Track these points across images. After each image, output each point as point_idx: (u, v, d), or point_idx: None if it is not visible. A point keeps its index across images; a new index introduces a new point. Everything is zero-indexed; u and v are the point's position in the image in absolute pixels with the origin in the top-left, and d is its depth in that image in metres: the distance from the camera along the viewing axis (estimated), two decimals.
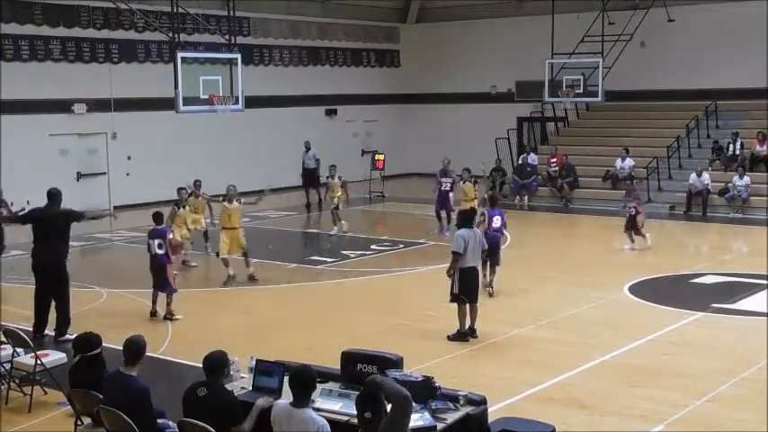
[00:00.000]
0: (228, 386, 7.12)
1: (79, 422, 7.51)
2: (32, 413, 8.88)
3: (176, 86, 17.04)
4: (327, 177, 20.81)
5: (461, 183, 18.83)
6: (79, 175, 23.50)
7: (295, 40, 28.50)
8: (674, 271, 15.63)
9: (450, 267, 11.25)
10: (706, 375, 9.91)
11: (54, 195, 11.75)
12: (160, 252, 12.55)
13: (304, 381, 6.21)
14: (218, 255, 15.48)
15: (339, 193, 20.06)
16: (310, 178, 25.21)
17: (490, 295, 13.43)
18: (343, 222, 19.96)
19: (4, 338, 9.52)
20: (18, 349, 9.28)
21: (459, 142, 29.18)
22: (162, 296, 12.67)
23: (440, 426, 6.38)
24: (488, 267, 13.75)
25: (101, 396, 6.94)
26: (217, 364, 6.66)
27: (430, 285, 14.25)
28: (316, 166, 25.48)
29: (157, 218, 13.01)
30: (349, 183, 29.28)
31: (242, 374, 7.60)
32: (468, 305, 11.30)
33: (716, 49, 25.74)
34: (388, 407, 5.98)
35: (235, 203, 15.31)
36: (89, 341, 7.52)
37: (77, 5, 22.81)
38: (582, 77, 25.16)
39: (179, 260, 15.57)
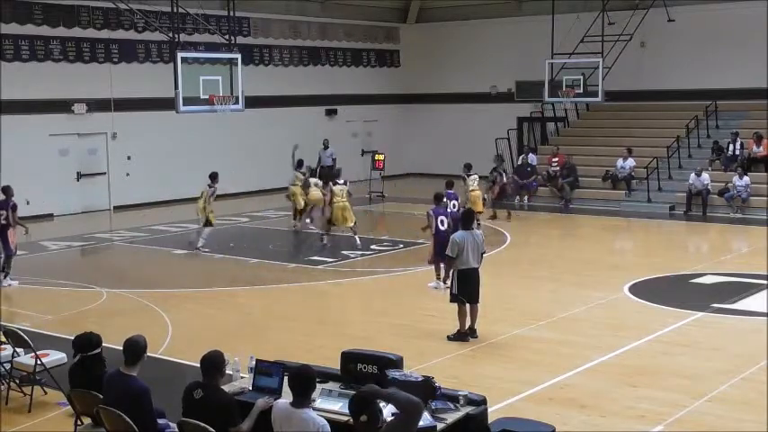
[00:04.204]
0: (228, 386, 7.13)
1: (79, 422, 7.51)
2: (32, 413, 8.87)
3: (176, 86, 17.05)
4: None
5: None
6: (79, 175, 23.51)
7: (295, 40, 28.51)
8: (674, 271, 15.63)
9: (446, 271, 11.29)
10: (706, 375, 9.91)
11: None
12: (441, 228, 14.12)
13: (304, 381, 6.22)
14: None
15: None
16: (326, 176, 25.44)
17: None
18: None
19: (3, 338, 9.51)
20: (18, 349, 9.27)
21: (459, 142, 29.21)
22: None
23: (440, 426, 6.38)
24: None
25: (101, 396, 6.94)
26: (212, 364, 6.64)
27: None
28: (332, 165, 25.64)
29: (438, 198, 14.90)
30: (349, 182, 29.54)
31: (242, 374, 7.61)
32: (468, 305, 11.31)
33: (716, 49, 25.74)
34: (386, 409, 5.99)
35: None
36: (89, 341, 7.51)
37: (77, 5, 22.81)
38: (582, 77, 25.16)
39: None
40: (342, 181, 18.72)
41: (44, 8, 22.23)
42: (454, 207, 15.43)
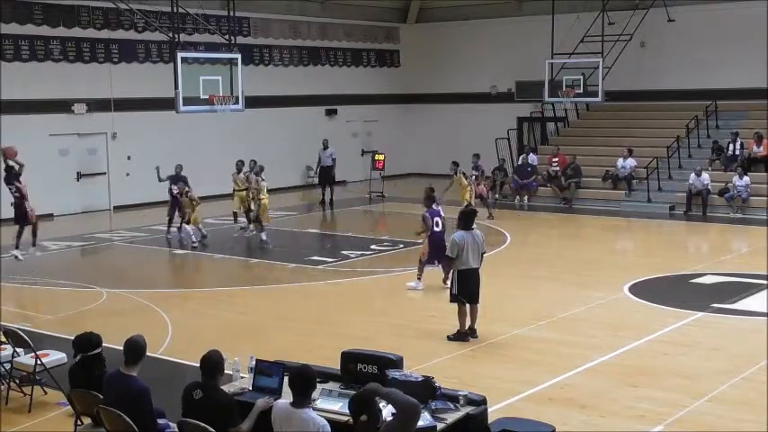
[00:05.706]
0: (228, 386, 7.13)
1: (79, 422, 7.51)
2: (32, 413, 8.87)
3: (176, 86, 17.05)
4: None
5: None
6: (79, 175, 23.51)
7: (295, 40, 28.50)
8: (674, 271, 15.63)
9: (446, 272, 11.28)
10: (706, 375, 9.91)
11: None
12: (437, 229, 14.11)
13: (304, 381, 6.22)
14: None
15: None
16: (326, 176, 25.53)
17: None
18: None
19: (4, 338, 9.51)
20: (18, 349, 9.27)
21: (459, 142, 29.19)
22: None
23: (440, 426, 6.38)
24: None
25: (101, 396, 6.94)
26: (212, 364, 6.65)
27: (430, 285, 14.25)
28: (332, 165, 25.71)
29: (430, 199, 14.45)
30: (349, 182, 29.63)
31: (242, 374, 7.60)
32: (467, 305, 11.31)
33: (716, 49, 25.74)
34: (385, 410, 6.00)
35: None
36: (89, 341, 7.51)
37: (77, 5, 22.80)
38: (582, 77, 25.17)
39: None
40: (263, 178, 18.99)
41: (44, 8, 22.23)
42: (437, 225, 14.31)
